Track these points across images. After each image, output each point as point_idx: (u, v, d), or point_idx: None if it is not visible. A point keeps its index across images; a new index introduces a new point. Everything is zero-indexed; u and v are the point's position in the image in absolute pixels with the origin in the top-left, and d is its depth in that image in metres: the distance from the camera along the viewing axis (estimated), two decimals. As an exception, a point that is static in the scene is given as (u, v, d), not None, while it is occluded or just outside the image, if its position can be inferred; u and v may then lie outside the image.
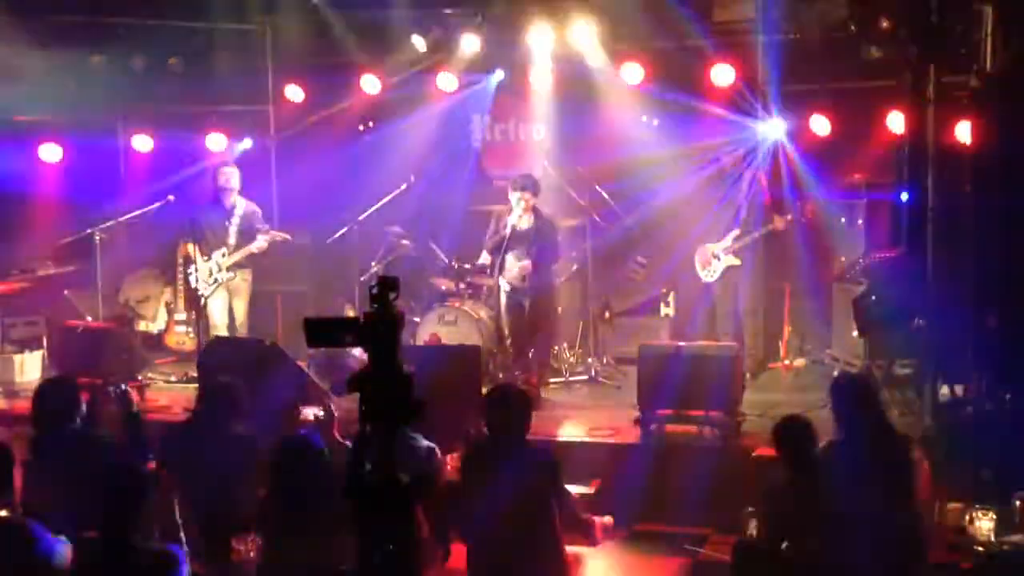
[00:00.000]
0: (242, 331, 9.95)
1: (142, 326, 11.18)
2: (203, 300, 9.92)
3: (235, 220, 9.95)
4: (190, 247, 9.99)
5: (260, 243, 9.84)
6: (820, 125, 9.65)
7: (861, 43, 9.35)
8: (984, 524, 5.63)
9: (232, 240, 9.93)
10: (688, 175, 10.05)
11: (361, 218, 10.05)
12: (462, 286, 10.23)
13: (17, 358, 10.03)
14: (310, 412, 5.72)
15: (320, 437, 5.31)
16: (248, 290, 10.11)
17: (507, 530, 5.34)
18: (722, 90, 9.88)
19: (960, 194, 7.73)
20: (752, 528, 5.70)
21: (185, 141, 11.09)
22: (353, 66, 10.86)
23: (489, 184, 11.64)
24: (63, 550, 4.61)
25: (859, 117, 9.56)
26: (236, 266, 9.95)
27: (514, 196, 9.39)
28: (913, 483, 5.60)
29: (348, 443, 5.04)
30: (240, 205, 10.01)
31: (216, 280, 9.92)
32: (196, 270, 9.91)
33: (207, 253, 9.93)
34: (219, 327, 9.98)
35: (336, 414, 5.91)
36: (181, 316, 10.93)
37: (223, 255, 9.91)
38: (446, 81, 10.70)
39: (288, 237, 10.01)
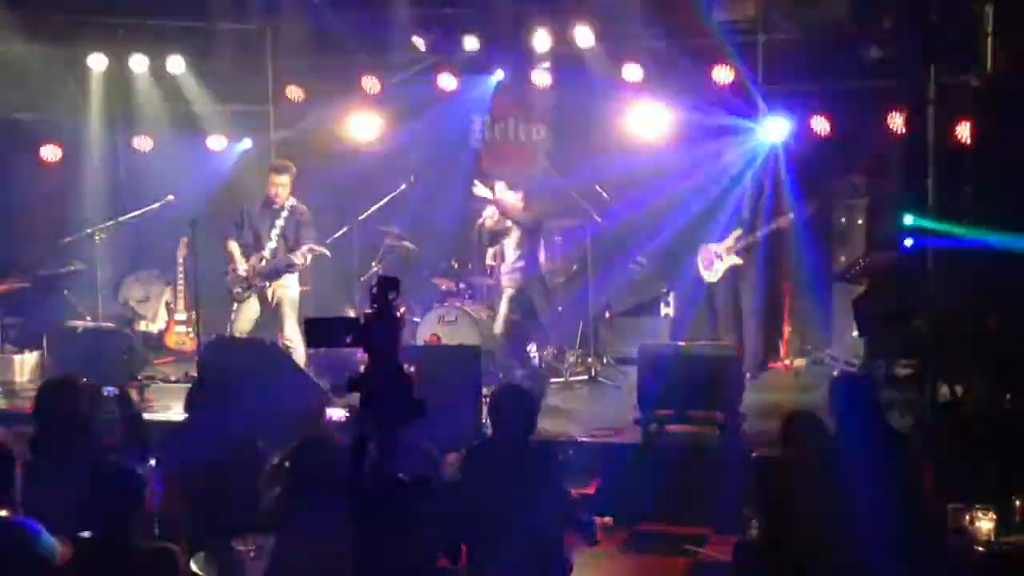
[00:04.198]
0: (294, 346, 9.20)
1: (142, 326, 11.17)
2: (235, 304, 9.39)
3: (279, 223, 9.36)
4: (232, 244, 9.37)
5: (298, 258, 9.21)
6: (820, 125, 9.66)
7: (861, 43, 9.35)
8: (984, 524, 5.63)
9: (273, 244, 9.32)
10: (688, 175, 10.05)
11: (361, 218, 10.04)
12: (462, 286, 10.25)
13: (17, 358, 10.02)
14: (335, 413, 5.71)
15: (344, 438, 5.30)
16: (293, 302, 9.45)
17: (507, 530, 5.34)
18: (722, 90, 9.88)
19: (960, 194, 7.74)
20: (752, 528, 5.69)
21: (185, 141, 11.10)
22: (353, 66, 10.87)
23: (489, 185, 11.64)
24: (63, 550, 4.60)
25: (859, 117, 9.56)
26: (273, 274, 9.37)
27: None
28: (913, 483, 5.60)
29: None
30: (287, 208, 9.37)
31: (251, 287, 9.37)
32: (234, 270, 9.37)
33: (247, 255, 9.38)
34: (240, 334, 9.39)
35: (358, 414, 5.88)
36: (181, 316, 10.92)
37: (260, 260, 9.35)
38: (446, 81, 10.71)
39: (328, 253, 9.48)
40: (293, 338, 9.35)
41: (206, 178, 10.83)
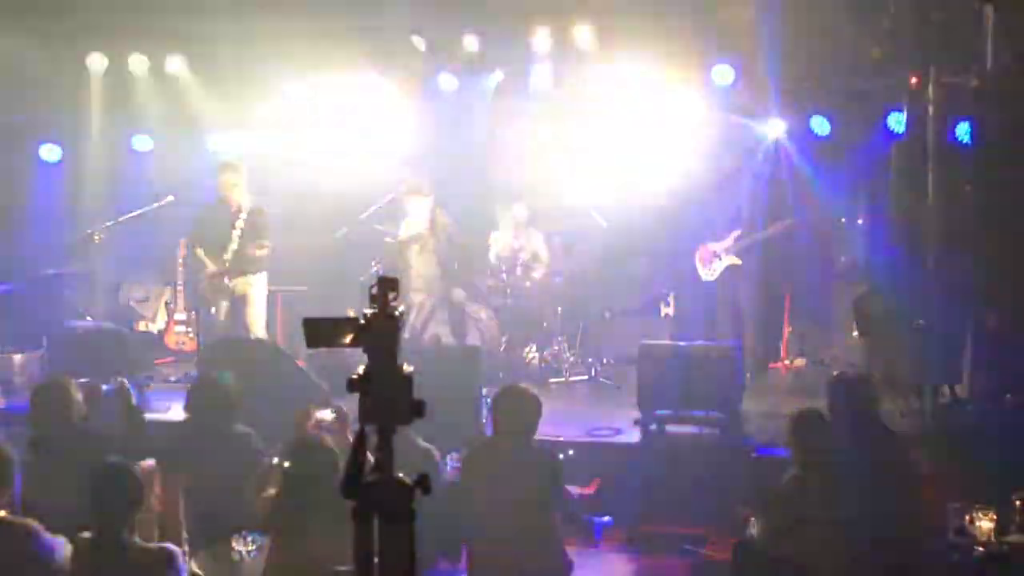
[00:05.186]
0: None
1: (142, 326, 11.17)
2: (211, 308, 9.53)
3: (239, 225, 9.48)
4: (199, 251, 9.60)
5: (256, 250, 9.42)
6: (820, 125, 9.65)
7: (861, 43, 9.35)
8: (984, 524, 5.63)
9: (234, 245, 9.46)
10: (689, 175, 10.06)
11: (361, 218, 10.04)
12: (462, 286, 10.26)
13: (17, 358, 10.02)
14: (323, 414, 5.72)
15: (332, 439, 5.30)
16: (258, 299, 9.58)
17: (508, 530, 5.34)
18: (722, 90, 9.89)
19: (960, 194, 7.74)
20: (752, 528, 5.70)
21: (185, 141, 11.09)
22: (353, 66, 10.86)
23: (489, 185, 11.65)
24: (63, 549, 4.61)
25: (859, 117, 9.56)
26: (239, 272, 9.49)
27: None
28: (912, 483, 5.60)
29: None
30: (246, 207, 9.57)
31: (219, 288, 9.47)
32: (208, 276, 9.51)
33: (211, 257, 9.52)
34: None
35: (349, 416, 5.89)
36: (181, 316, 10.91)
37: (225, 263, 9.48)
38: (446, 81, 10.70)
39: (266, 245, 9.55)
40: (261, 335, 9.46)
41: (206, 178, 10.83)
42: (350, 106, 11.10)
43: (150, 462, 5.69)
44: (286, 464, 5.07)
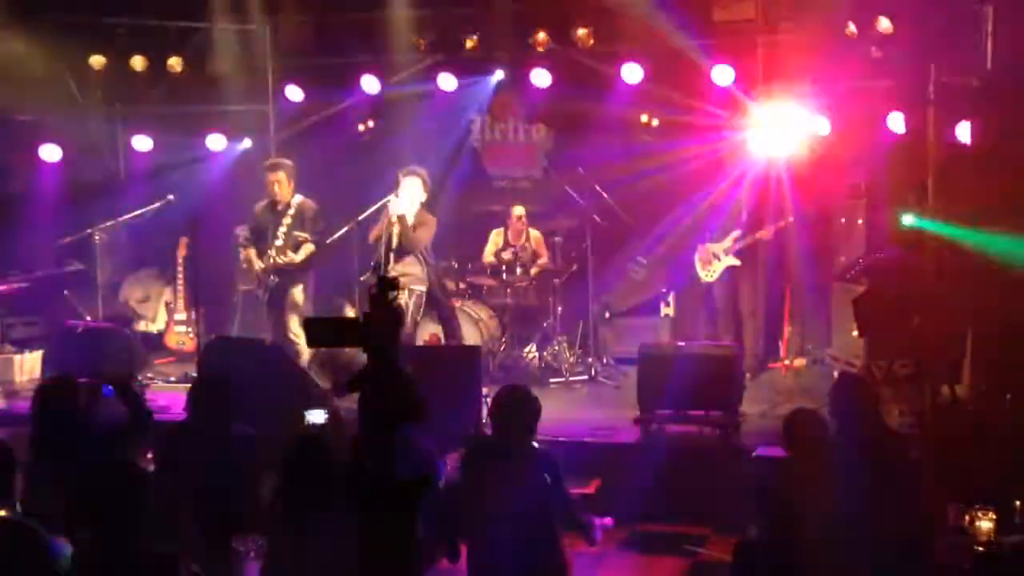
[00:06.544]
0: (299, 342, 9.13)
1: (142, 326, 11.18)
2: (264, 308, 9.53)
3: (286, 221, 9.38)
4: (250, 252, 9.47)
5: (295, 256, 9.34)
6: (819, 125, 9.65)
7: (861, 43, 9.35)
8: (984, 524, 5.63)
9: (279, 242, 9.31)
10: (688, 175, 10.06)
11: (361, 218, 10.03)
12: (462, 286, 10.25)
13: (17, 358, 10.04)
14: (317, 415, 5.70)
15: (331, 440, 5.30)
16: (299, 297, 9.45)
17: (507, 530, 5.34)
18: (722, 90, 9.89)
19: (960, 194, 7.74)
20: (752, 528, 5.70)
21: (185, 141, 11.10)
22: (353, 66, 10.86)
23: (489, 184, 11.66)
24: (63, 550, 4.60)
25: (859, 117, 9.56)
26: (278, 272, 9.38)
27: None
28: (911, 483, 5.60)
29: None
30: (295, 205, 9.43)
31: (261, 285, 9.45)
32: (256, 275, 9.49)
33: (260, 256, 9.45)
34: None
35: (342, 416, 5.89)
36: (181, 316, 10.93)
37: (269, 259, 9.37)
38: (446, 81, 10.70)
39: (309, 246, 9.43)
40: (299, 333, 9.33)
41: (206, 178, 10.83)
42: (350, 105, 11.10)
43: (150, 463, 5.70)
44: (285, 463, 5.06)
